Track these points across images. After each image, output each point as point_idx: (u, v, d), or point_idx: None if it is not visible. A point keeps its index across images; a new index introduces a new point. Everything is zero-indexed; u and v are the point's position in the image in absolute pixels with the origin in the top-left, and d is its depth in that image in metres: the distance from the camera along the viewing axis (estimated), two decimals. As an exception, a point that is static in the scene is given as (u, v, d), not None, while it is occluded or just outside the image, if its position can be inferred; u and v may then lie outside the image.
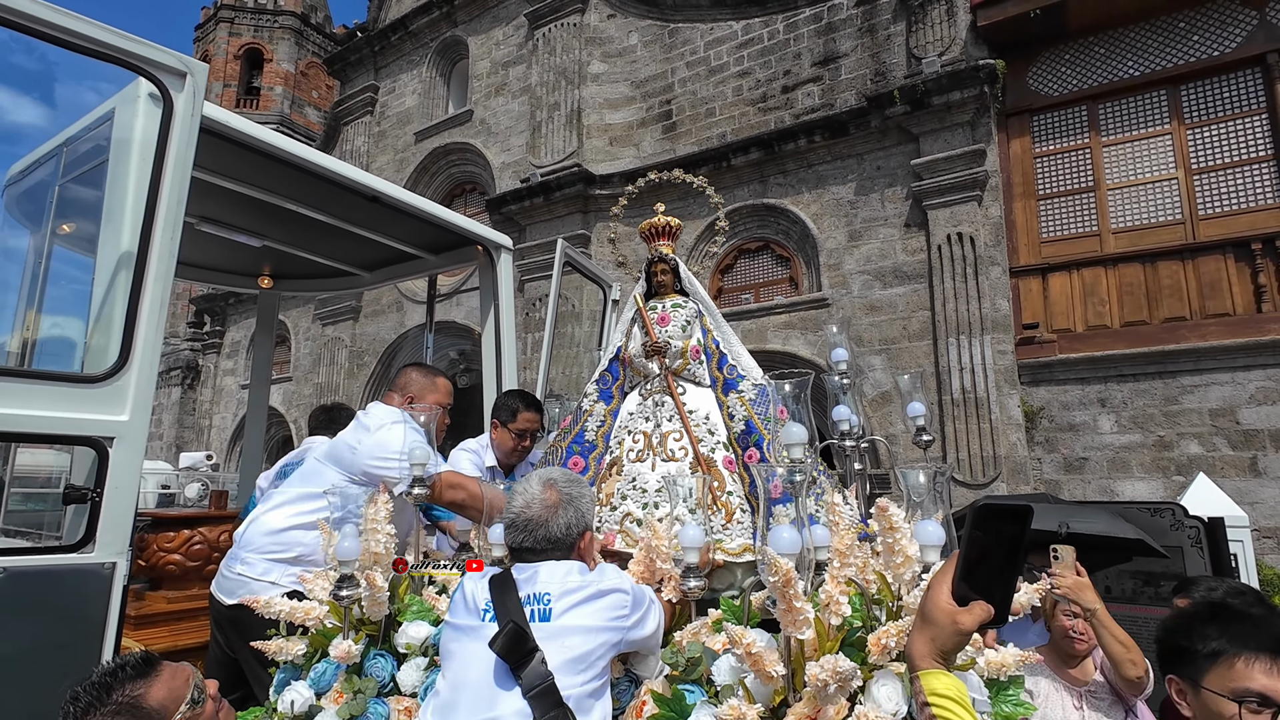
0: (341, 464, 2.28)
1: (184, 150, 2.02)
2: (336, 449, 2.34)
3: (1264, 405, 6.51)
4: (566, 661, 1.40)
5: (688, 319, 2.36)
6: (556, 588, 1.50)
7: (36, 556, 1.83)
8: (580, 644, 1.43)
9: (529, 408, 2.95)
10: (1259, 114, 7.01)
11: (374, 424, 2.31)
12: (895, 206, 8.34)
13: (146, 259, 1.96)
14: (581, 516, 1.61)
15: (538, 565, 1.54)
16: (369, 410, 2.43)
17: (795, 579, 1.29)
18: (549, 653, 1.40)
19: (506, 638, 1.38)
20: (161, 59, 1.97)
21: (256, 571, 2.21)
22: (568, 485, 1.62)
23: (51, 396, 1.82)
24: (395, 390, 2.56)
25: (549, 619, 1.45)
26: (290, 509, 2.29)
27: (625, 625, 1.50)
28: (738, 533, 2.02)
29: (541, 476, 1.64)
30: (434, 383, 2.59)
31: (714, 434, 2.14)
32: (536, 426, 2.96)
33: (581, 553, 1.61)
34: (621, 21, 11.17)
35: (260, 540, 2.25)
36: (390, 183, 3.14)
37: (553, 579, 1.51)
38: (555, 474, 1.66)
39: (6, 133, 54.90)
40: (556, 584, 1.50)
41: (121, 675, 1.23)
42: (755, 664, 1.34)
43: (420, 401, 2.50)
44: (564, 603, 1.47)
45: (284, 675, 1.97)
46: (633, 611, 1.53)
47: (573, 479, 1.66)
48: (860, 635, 1.48)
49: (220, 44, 21.51)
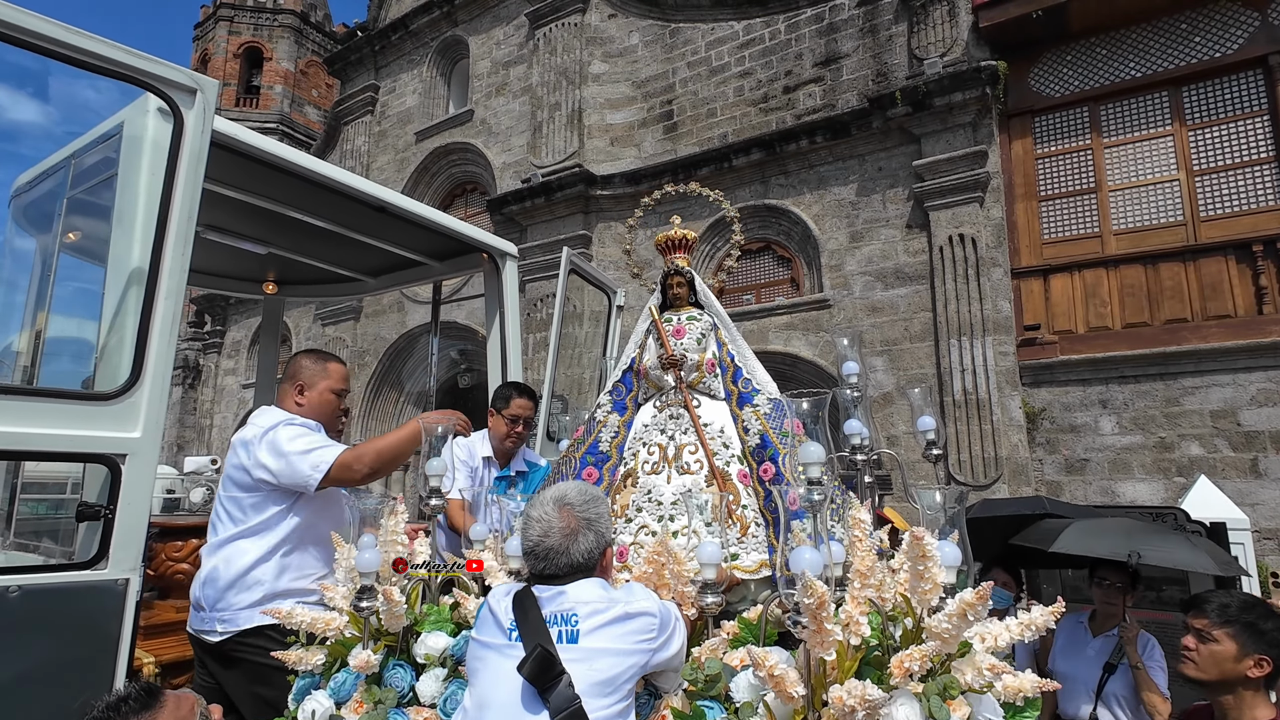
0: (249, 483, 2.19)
1: (194, 167, 2.02)
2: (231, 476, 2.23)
3: (1265, 407, 6.52)
4: (595, 684, 1.38)
5: (703, 332, 2.36)
6: (584, 608, 1.47)
7: (50, 574, 1.83)
8: (609, 667, 1.40)
9: (522, 395, 3.13)
10: (1260, 115, 7.01)
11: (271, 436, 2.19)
12: (897, 207, 8.34)
13: (158, 275, 1.96)
14: (601, 536, 1.57)
15: (563, 586, 1.51)
16: (261, 417, 2.29)
17: (829, 602, 1.29)
18: (576, 675, 1.37)
19: (535, 662, 1.35)
20: (172, 76, 1.96)
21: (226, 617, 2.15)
22: (584, 507, 1.58)
23: (64, 415, 1.82)
24: (286, 380, 2.41)
25: (576, 640, 1.42)
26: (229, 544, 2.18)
27: (653, 648, 1.48)
28: (752, 547, 2.03)
29: (556, 498, 1.58)
30: (325, 368, 2.42)
31: (729, 447, 2.14)
32: (529, 413, 3.11)
33: (604, 568, 1.59)
34: (622, 21, 11.15)
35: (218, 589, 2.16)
36: (394, 187, 3.14)
37: (579, 598, 1.48)
38: (571, 494, 1.60)
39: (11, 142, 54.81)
40: (584, 604, 1.47)
41: (124, 709, 1.19)
42: (777, 685, 1.34)
43: (311, 389, 2.36)
44: (591, 623, 1.44)
45: (303, 684, 1.98)
46: (660, 633, 1.50)
47: (589, 497, 1.61)
48: (877, 654, 1.49)
49: (220, 43, 21.44)
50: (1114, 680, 2.83)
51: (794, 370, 8.68)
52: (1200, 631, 2.02)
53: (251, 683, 2.16)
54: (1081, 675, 2.90)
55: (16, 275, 2.64)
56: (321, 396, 2.38)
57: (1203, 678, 2.00)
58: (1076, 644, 3.02)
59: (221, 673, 2.19)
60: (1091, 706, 2.83)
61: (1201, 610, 2.04)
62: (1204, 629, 2.00)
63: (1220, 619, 1.99)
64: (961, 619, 1.30)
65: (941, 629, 1.31)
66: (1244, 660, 1.93)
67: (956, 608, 1.29)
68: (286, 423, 2.23)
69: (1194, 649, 2.02)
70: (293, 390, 2.36)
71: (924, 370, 7.88)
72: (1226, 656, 1.95)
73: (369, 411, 13.45)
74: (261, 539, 2.18)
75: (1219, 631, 1.98)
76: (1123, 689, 2.81)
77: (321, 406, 2.38)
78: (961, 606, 1.29)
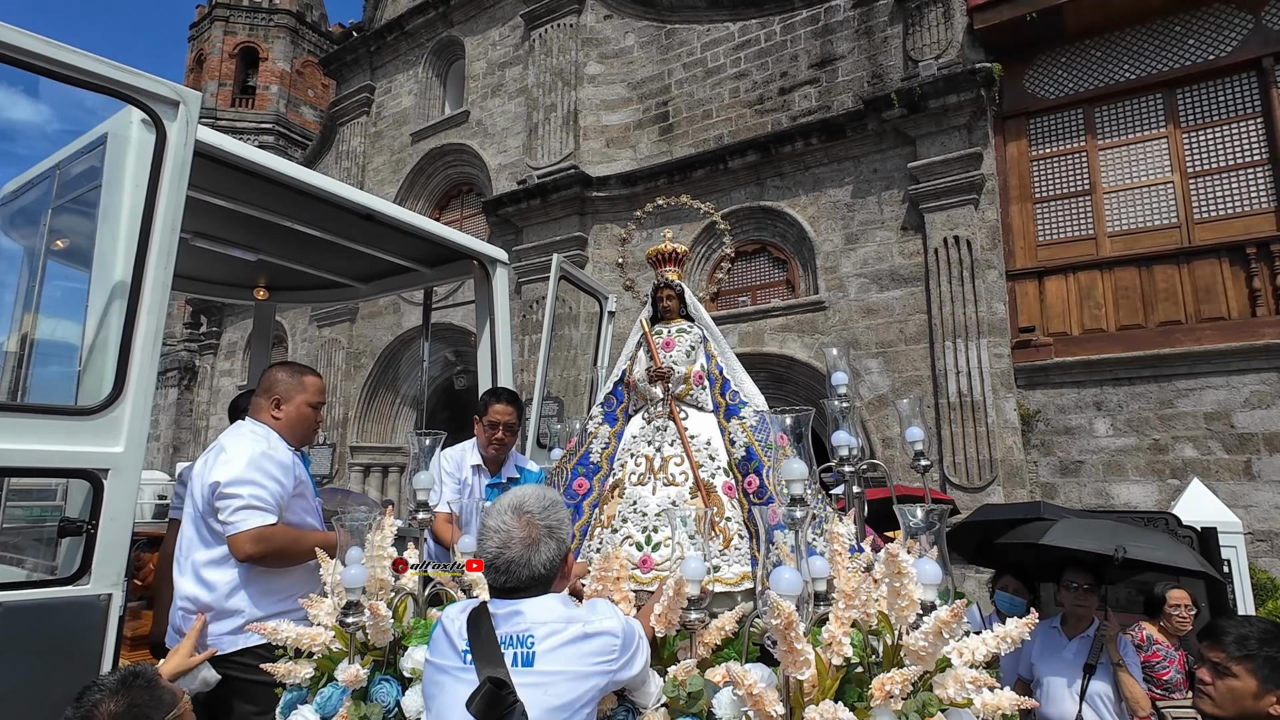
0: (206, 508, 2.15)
1: (177, 179, 2.01)
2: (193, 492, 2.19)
3: (1258, 409, 6.54)
4: (550, 710, 1.32)
5: (692, 344, 2.37)
6: (541, 629, 1.39)
7: (32, 590, 1.82)
8: (566, 691, 1.34)
9: (499, 400, 3.08)
10: (1254, 118, 7.02)
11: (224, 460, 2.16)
12: (892, 209, 8.34)
13: (140, 288, 1.95)
14: (562, 544, 1.49)
15: (519, 602, 1.43)
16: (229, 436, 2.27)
17: (797, 622, 1.29)
18: (531, 701, 1.30)
19: (483, 700, 1.27)
20: (153, 89, 1.95)
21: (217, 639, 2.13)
22: (544, 514, 1.48)
23: (45, 430, 1.81)
24: (261, 394, 2.38)
25: (532, 663, 1.35)
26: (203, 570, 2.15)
27: (613, 669, 1.41)
28: (734, 559, 2.03)
29: (514, 506, 1.48)
30: (301, 382, 2.40)
31: (714, 459, 2.14)
32: (509, 418, 3.06)
33: (565, 576, 1.52)
34: (618, 22, 11.13)
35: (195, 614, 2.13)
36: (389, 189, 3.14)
37: (536, 618, 1.40)
38: (529, 500, 1.50)
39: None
40: (540, 624, 1.40)
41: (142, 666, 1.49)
42: (756, 704, 1.34)
43: (288, 403, 2.34)
44: (548, 645, 1.37)
45: (290, 697, 1.98)
46: (622, 654, 1.42)
47: (548, 503, 1.51)
48: (858, 671, 1.49)
49: (215, 43, 21.39)
50: (1096, 680, 2.85)
51: (789, 372, 8.68)
52: (1217, 665, 1.85)
53: (240, 700, 2.16)
54: (1062, 679, 2.92)
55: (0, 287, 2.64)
56: (298, 411, 2.37)
57: (1221, 714, 1.84)
58: (1052, 648, 3.04)
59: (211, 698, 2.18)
60: (1076, 708, 2.85)
61: (1218, 642, 1.87)
62: (1221, 662, 1.84)
63: (1239, 652, 1.82)
64: (937, 637, 1.30)
65: (919, 647, 1.31)
66: (1265, 697, 1.76)
67: (932, 625, 1.29)
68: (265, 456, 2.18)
69: (1210, 683, 1.85)
70: (269, 404, 2.35)
71: (919, 372, 7.89)
72: (1246, 693, 1.79)
73: (365, 414, 13.44)
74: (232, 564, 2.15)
75: (1238, 666, 1.81)
76: (1106, 688, 2.84)
77: (299, 420, 2.37)
78: (937, 625, 1.29)
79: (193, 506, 2.20)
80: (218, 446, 2.25)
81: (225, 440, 2.25)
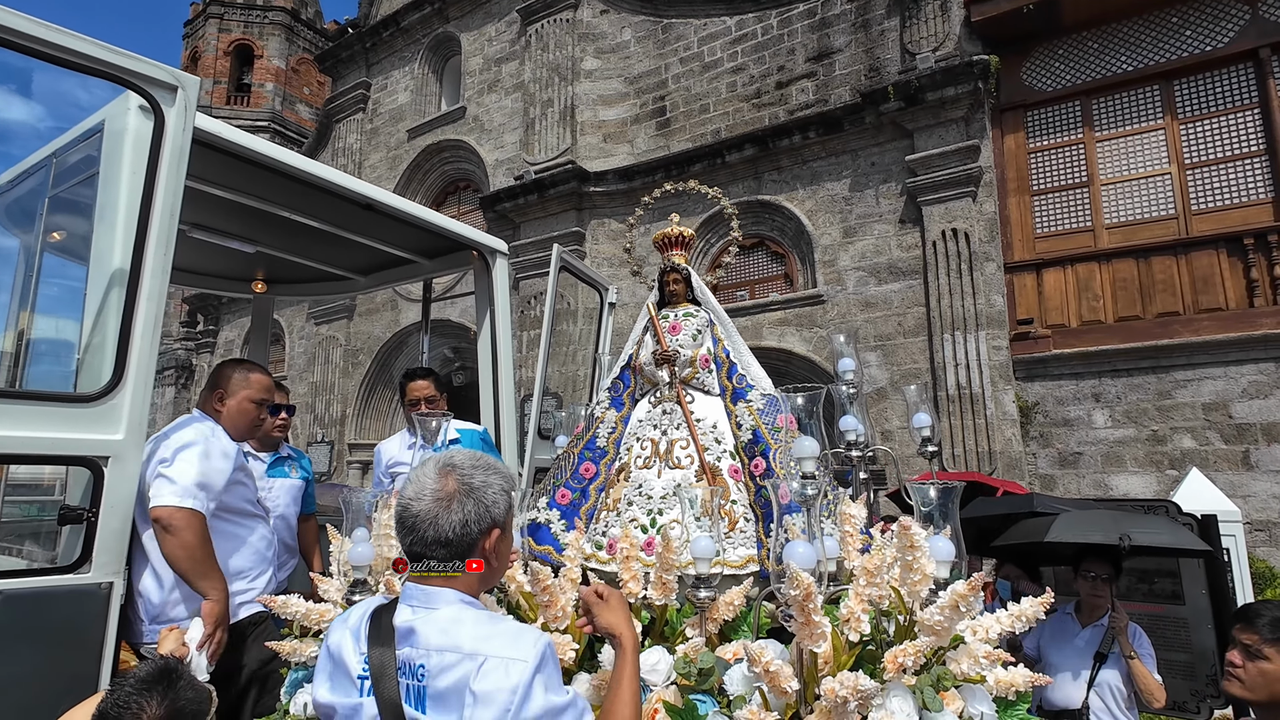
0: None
1: (176, 165, 1.99)
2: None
3: (1256, 399, 6.55)
4: None
5: (699, 328, 2.37)
6: (434, 658, 1.12)
7: (32, 579, 1.80)
8: None
9: (412, 379, 3.14)
10: (1251, 109, 7.03)
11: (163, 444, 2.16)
12: (890, 203, 8.34)
13: (139, 275, 1.93)
14: (485, 511, 1.22)
15: (417, 614, 1.18)
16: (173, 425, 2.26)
17: (816, 593, 1.28)
18: None
19: None
20: (151, 73, 1.93)
21: None
22: (471, 471, 1.25)
23: (45, 417, 1.79)
24: (207, 387, 2.45)
25: (424, 708, 1.10)
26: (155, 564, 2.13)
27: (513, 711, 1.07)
28: (739, 541, 2.02)
29: (441, 460, 1.26)
30: (247, 378, 2.45)
31: (720, 443, 2.13)
32: (429, 392, 3.11)
33: (486, 554, 1.24)
34: (615, 17, 11.10)
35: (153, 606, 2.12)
36: (386, 185, 3.12)
37: (430, 640, 1.14)
38: (460, 457, 1.27)
39: None
40: (434, 651, 1.13)
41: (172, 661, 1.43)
42: (771, 680, 1.34)
43: (231, 398, 2.39)
44: (438, 684, 1.10)
45: (296, 676, 1.97)
46: (521, 697, 1.07)
47: (481, 464, 1.27)
48: (871, 649, 1.48)
49: (210, 40, 21.29)
50: (1105, 669, 2.85)
51: (788, 366, 8.68)
52: (1249, 647, 1.86)
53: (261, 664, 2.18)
54: (1071, 665, 2.92)
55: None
56: (240, 405, 2.41)
57: (1250, 697, 1.85)
58: (1064, 634, 3.04)
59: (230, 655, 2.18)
60: (1083, 695, 2.85)
61: (1251, 625, 1.87)
62: (1253, 645, 1.85)
63: (1272, 635, 1.82)
64: (954, 611, 1.29)
65: (934, 621, 1.31)
66: None
67: (949, 599, 1.29)
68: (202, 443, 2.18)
69: (1241, 665, 1.86)
70: (213, 397, 2.41)
71: (918, 365, 7.89)
72: (1277, 676, 1.80)
73: (363, 410, 13.41)
74: None
75: (1270, 649, 1.82)
76: (1115, 678, 2.83)
77: (239, 415, 2.42)
78: (954, 598, 1.28)
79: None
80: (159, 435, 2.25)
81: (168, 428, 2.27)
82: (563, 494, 2.20)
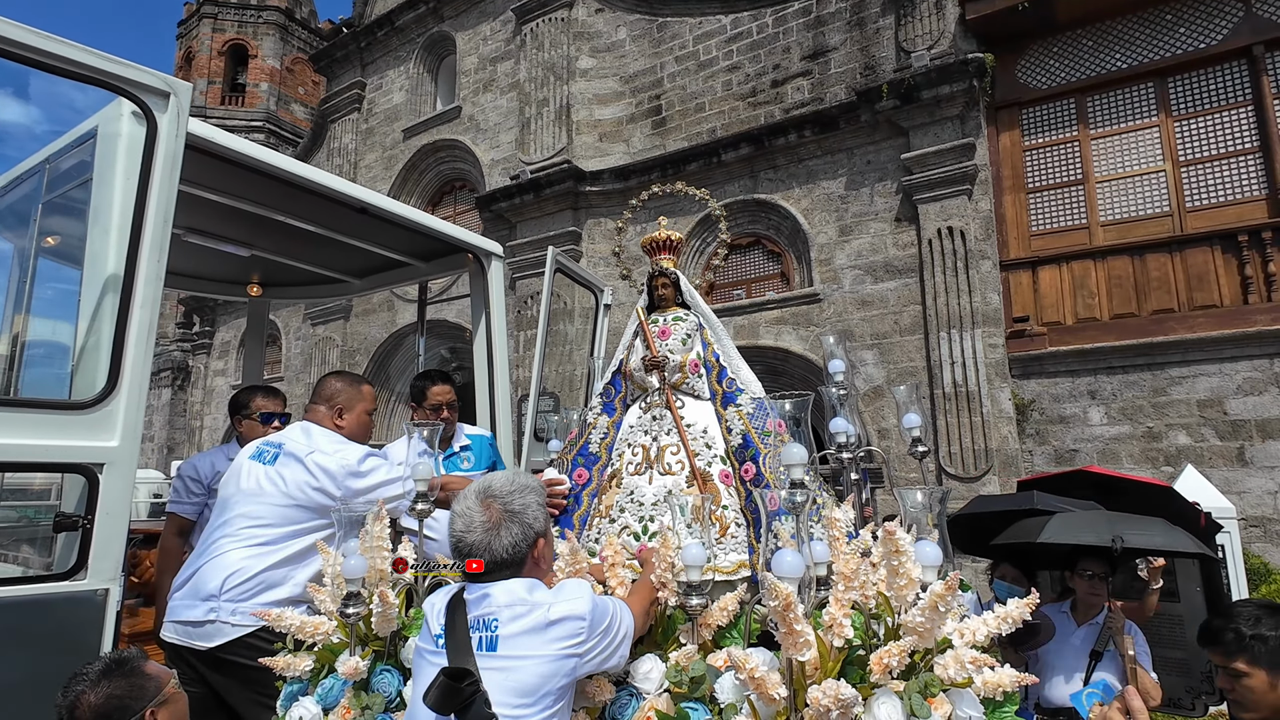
0: (311, 502, 2.21)
1: (169, 170, 1.99)
2: (300, 487, 2.24)
3: (1251, 396, 6.58)
4: (514, 692, 1.31)
5: (688, 332, 2.37)
6: (505, 612, 1.38)
7: (28, 586, 1.81)
8: (528, 675, 1.33)
9: (435, 382, 3.09)
10: (1245, 106, 7.05)
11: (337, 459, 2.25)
12: (886, 201, 8.35)
13: (133, 282, 1.93)
14: (528, 528, 1.47)
15: (488, 586, 1.43)
16: (311, 435, 2.33)
17: (795, 603, 1.29)
18: (494, 685, 1.30)
19: (437, 691, 1.27)
20: (144, 80, 1.93)
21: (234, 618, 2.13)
22: (509, 497, 1.48)
23: (39, 424, 1.80)
24: (321, 403, 2.47)
25: (495, 647, 1.35)
26: (256, 548, 2.19)
27: (579, 653, 1.39)
28: (731, 547, 2.03)
29: (481, 490, 1.49)
30: (360, 391, 2.52)
31: (711, 448, 2.14)
32: (449, 398, 3.08)
33: (535, 561, 1.49)
34: (610, 16, 11.09)
35: (235, 587, 2.15)
36: (382, 186, 3.12)
37: (500, 601, 1.40)
38: (496, 484, 1.50)
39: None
40: (504, 608, 1.39)
41: (129, 653, 1.52)
42: (758, 687, 1.35)
43: (350, 412, 2.45)
44: (511, 629, 1.37)
45: (291, 690, 1.97)
46: (589, 637, 1.40)
47: (516, 487, 1.51)
48: (860, 653, 1.49)
49: (204, 40, 21.22)
50: (1101, 668, 2.86)
51: (785, 365, 8.69)
52: (1226, 670, 1.83)
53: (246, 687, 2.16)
54: (1067, 664, 2.93)
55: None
56: (359, 419, 2.48)
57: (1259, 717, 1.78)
58: (1060, 633, 3.05)
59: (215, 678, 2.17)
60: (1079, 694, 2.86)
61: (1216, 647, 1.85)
62: (1225, 665, 1.83)
63: (1237, 649, 1.79)
64: (933, 611, 1.31)
65: (916, 623, 1.32)
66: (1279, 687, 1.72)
67: (928, 600, 1.30)
68: (369, 455, 2.32)
69: (1232, 689, 1.82)
70: (331, 413, 2.43)
71: (914, 363, 7.91)
72: (1263, 688, 1.75)
73: (360, 411, 13.39)
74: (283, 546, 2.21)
75: (1239, 664, 1.79)
76: (1110, 676, 2.84)
77: (360, 428, 2.48)
78: (932, 599, 1.30)
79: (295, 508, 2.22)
80: (325, 456, 2.27)
81: (316, 440, 2.31)
82: (557, 498, 2.21)
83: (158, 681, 1.48)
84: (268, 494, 2.23)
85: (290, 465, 2.26)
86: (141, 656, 1.52)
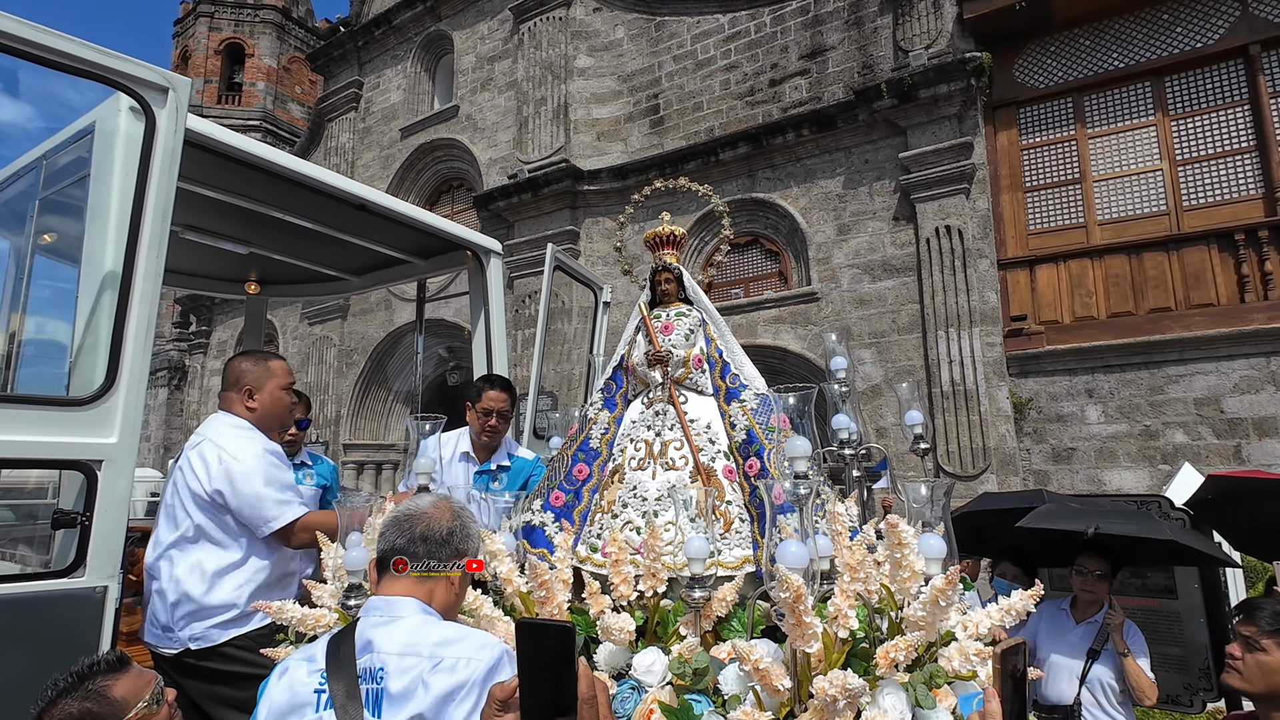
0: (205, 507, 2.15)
1: (168, 166, 1.98)
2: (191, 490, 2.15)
3: (1247, 394, 6.60)
4: None
5: (691, 327, 2.36)
6: (394, 661, 1.17)
7: (27, 583, 1.79)
8: None
9: (493, 387, 3.03)
10: (1241, 105, 7.07)
11: (234, 467, 2.14)
12: (883, 200, 8.36)
13: (131, 277, 1.92)
14: (468, 539, 1.42)
15: (376, 625, 1.24)
16: (208, 425, 2.25)
17: (806, 595, 1.29)
18: None
19: None
20: (143, 74, 1.92)
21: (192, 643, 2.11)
22: (462, 510, 1.46)
23: (37, 421, 1.79)
24: (229, 388, 2.34)
25: (381, 707, 1.14)
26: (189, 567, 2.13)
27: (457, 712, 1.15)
28: (735, 542, 2.02)
29: (434, 497, 1.47)
30: (268, 367, 2.38)
31: (714, 443, 2.13)
32: (503, 405, 3.01)
33: (449, 582, 1.36)
34: (608, 15, 11.09)
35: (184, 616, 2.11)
36: (379, 185, 3.11)
37: (392, 642, 1.20)
38: (451, 500, 1.48)
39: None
40: (395, 650, 1.18)
41: (95, 669, 1.38)
42: (763, 679, 1.34)
43: (261, 391, 2.32)
44: (401, 681, 1.15)
45: None
46: (470, 694, 1.14)
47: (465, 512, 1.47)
48: (864, 646, 1.49)
49: (200, 39, 21.16)
50: (1098, 666, 2.87)
51: (783, 364, 8.70)
52: (1248, 639, 1.89)
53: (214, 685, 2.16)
54: (1065, 661, 2.93)
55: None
56: (273, 396, 2.36)
57: (1248, 689, 1.88)
58: (1059, 630, 3.05)
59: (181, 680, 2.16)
60: (1075, 690, 2.87)
61: (1251, 618, 1.90)
62: (1252, 636, 1.88)
63: (1270, 627, 1.85)
64: (935, 605, 1.31)
65: (918, 617, 1.32)
66: None
67: (929, 594, 1.30)
68: (267, 454, 2.21)
69: (1240, 657, 1.89)
70: (240, 396, 2.33)
71: (912, 362, 7.92)
72: (1275, 668, 1.83)
73: (358, 410, 13.37)
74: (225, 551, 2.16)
75: (1268, 640, 1.84)
76: (1107, 674, 2.85)
77: (274, 406, 2.37)
78: (933, 593, 1.30)
79: (191, 504, 2.17)
80: (211, 445, 2.21)
81: (219, 440, 2.21)
82: (556, 496, 2.20)
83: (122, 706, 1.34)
84: (178, 500, 2.19)
85: (182, 460, 2.22)
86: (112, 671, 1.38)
